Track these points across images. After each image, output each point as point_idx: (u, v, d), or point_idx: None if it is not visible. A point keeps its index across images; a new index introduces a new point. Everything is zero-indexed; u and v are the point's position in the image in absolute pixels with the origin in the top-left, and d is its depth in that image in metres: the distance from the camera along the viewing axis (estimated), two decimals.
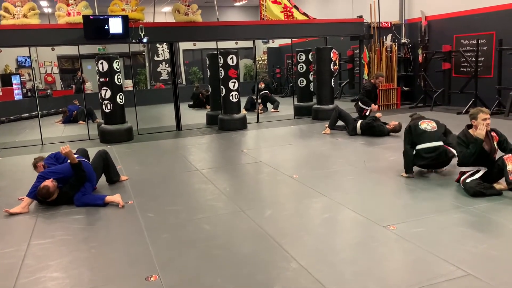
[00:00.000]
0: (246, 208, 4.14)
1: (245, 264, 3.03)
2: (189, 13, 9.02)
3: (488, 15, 9.89)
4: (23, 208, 4.28)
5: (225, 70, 9.07)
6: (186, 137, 8.62)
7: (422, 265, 2.87)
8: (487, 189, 4.09)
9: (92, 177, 4.70)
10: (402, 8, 12.32)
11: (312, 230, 3.62)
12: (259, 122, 10.10)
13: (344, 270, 2.86)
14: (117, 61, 8.39)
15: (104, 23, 8.15)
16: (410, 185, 4.62)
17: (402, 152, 4.98)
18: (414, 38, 11.99)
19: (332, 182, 4.96)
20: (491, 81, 9.71)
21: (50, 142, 8.61)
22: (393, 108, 11.38)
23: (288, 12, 10.65)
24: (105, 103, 8.37)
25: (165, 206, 4.36)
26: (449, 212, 3.79)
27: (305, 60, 10.88)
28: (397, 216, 3.78)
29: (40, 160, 4.88)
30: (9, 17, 7.96)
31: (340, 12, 14.43)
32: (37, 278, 2.94)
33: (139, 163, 6.43)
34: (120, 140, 8.35)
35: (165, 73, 18.48)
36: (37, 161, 4.91)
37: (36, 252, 3.38)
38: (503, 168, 4.04)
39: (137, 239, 3.55)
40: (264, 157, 6.41)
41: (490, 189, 4.12)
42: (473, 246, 3.12)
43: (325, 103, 10.12)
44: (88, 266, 3.10)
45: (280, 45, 17.90)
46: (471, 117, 4.28)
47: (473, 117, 4.24)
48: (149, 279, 2.85)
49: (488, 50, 9.93)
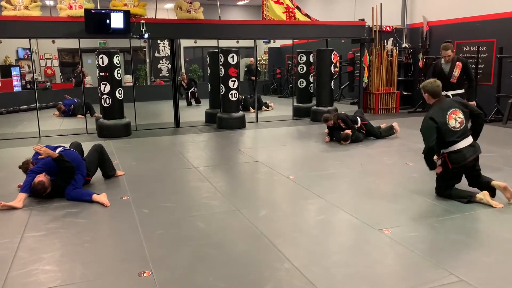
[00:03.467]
0: (242, 207, 4.14)
1: (238, 263, 3.03)
2: (191, 10, 9.01)
3: (489, 23, 9.91)
4: (17, 203, 4.24)
5: (226, 69, 9.07)
6: (184, 134, 8.61)
7: (415, 270, 2.88)
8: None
9: (79, 164, 4.63)
10: (404, 13, 12.34)
11: (307, 231, 3.62)
12: (257, 122, 10.10)
13: (337, 272, 2.86)
14: (118, 56, 8.38)
15: (106, 17, 8.13)
16: (406, 190, 4.62)
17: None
18: (415, 43, 12.00)
19: (328, 184, 4.96)
20: (491, 88, 9.73)
21: (47, 135, 8.59)
22: (392, 112, 11.40)
23: (290, 12, 10.65)
24: (104, 98, 8.36)
25: (161, 203, 4.35)
26: (444, 217, 3.80)
27: (306, 61, 10.88)
28: (392, 220, 3.78)
29: (28, 162, 4.79)
30: (10, 8, 7.93)
31: (342, 15, 14.45)
32: (29, 271, 2.94)
33: (136, 159, 6.42)
34: (117, 135, 8.34)
35: (165, 70, 18.47)
36: (26, 163, 4.79)
37: (29, 245, 3.37)
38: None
39: (131, 235, 3.54)
40: (262, 156, 6.41)
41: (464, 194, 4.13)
42: (466, 253, 3.13)
43: (324, 105, 10.13)
44: (80, 260, 3.09)
45: (281, 45, 17.90)
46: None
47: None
48: (141, 275, 2.85)
49: (488, 57, 9.95)
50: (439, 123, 4.08)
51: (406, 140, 7.45)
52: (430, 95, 4.28)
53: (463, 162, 4.10)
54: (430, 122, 4.12)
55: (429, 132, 4.10)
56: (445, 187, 4.27)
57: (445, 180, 4.27)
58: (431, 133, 4.08)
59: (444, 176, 4.25)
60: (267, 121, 10.16)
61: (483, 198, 4.02)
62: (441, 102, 4.25)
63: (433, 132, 4.08)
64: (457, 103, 4.25)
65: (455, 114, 4.14)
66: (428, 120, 4.13)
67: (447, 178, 4.24)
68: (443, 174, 4.25)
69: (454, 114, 4.13)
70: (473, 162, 4.16)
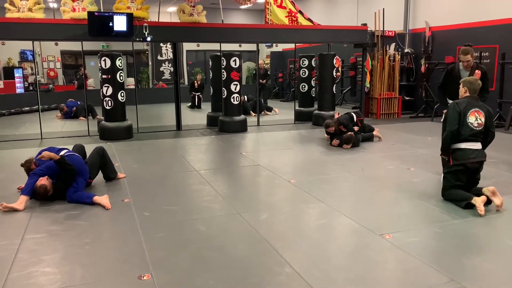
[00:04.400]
0: (242, 211, 4.14)
1: (238, 266, 3.02)
2: (194, 13, 9.04)
3: (492, 28, 9.91)
4: (19, 205, 4.24)
5: (228, 72, 9.08)
6: (186, 138, 8.61)
7: (416, 275, 2.86)
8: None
9: (82, 170, 4.65)
10: (407, 18, 12.36)
11: (307, 235, 3.61)
12: (259, 126, 10.10)
13: (337, 276, 2.85)
14: (120, 58, 8.40)
15: (109, 20, 8.16)
16: (408, 195, 4.61)
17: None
18: (417, 48, 12.01)
19: (329, 188, 4.95)
20: (493, 94, 9.67)
21: (49, 136, 8.61)
22: (394, 117, 11.39)
23: (292, 17, 10.67)
24: (106, 100, 8.37)
25: (161, 206, 4.35)
26: (446, 223, 3.78)
27: (308, 65, 10.88)
28: (393, 225, 3.77)
29: (31, 162, 4.80)
30: (14, 10, 7.97)
31: (344, 19, 14.47)
32: (29, 273, 2.93)
33: (137, 162, 6.43)
34: (119, 138, 8.34)
35: (168, 73, 18.50)
36: (29, 162, 4.78)
37: (30, 246, 3.37)
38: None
39: (131, 237, 3.53)
40: (263, 160, 6.41)
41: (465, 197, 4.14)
42: (468, 258, 3.11)
43: (326, 109, 10.13)
44: (80, 263, 3.09)
45: (283, 49, 17.93)
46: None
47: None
48: (141, 277, 2.84)
49: (490, 63, 9.94)
50: (461, 111, 4.19)
51: (408, 145, 7.44)
52: (468, 89, 4.35)
53: (464, 161, 4.17)
54: (455, 106, 4.23)
55: (453, 116, 4.22)
56: (447, 188, 4.31)
57: (448, 179, 4.33)
58: (454, 117, 4.20)
59: (447, 175, 4.34)
60: (269, 125, 10.16)
61: (476, 201, 4.01)
62: (472, 98, 4.32)
63: (456, 116, 4.19)
64: (485, 108, 4.31)
65: (478, 114, 4.22)
66: (454, 105, 4.25)
67: (450, 177, 4.31)
68: (447, 173, 4.34)
69: (477, 113, 4.22)
70: (475, 165, 4.20)
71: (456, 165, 4.22)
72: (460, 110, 4.19)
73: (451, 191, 4.28)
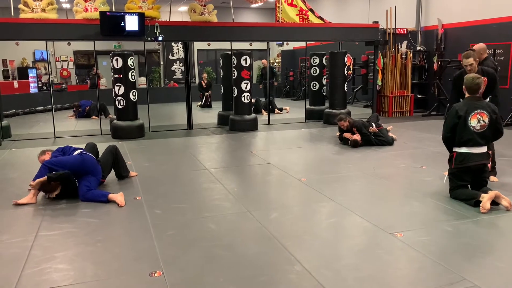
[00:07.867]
0: (253, 209, 4.15)
1: (248, 265, 3.03)
2: (204, 13, 9.06)
3: (505, 25, 9.77)
4: (30, 198, 4.34)
5: (238, 71, 9.09)
6: (197, 136, 8.65)
7: (427, 274, 2.85)
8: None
9: (95, 170, 4.71)
10: (419, 15, 12.24)
11: (318, 234, 3.60)
12: (269, 124, 10.10)
13: (348, 275, 2.85)
14: (132, 58, 8.47)
15: (121, 20, 8.23)
16: (419, 193, 4.58)
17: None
18: (430, 45, 11.89)
19: (340, 187, 4.93)
20: (507, 91, 9.58)
21: (62, 135, 8.71)
22: (406, 115, 11.31)
23: (303, 15, 10.64)
24: (118, 99, 8.45)
25: (172, 204, 4.38)
26: (457, 221, 3.75)
27: (319, 63, 10.85)
28: (404, 223, 3.75)
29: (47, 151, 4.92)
30: (28, 11, 8.07)
31: (356, 17, 14.39)
32: (42, 269, 2.98)
33: (149, 160, 6.47)
34: (131, 137, 8.42)
35: (179, 72, 18.59)
36: (44, 151, 4.95)
37: (43, 243, 3.42)
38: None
39: (143, 235, 3.57)
40: (273, 159, 6.41)
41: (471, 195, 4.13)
42: (479, 257, 3.08)
43: (337, 108, 10.09)
44: (93, 260, 3.13)
45: (294, 48, 17.90)
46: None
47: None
48: (153, 275, 2.87)
49: (504, 60, 9.80)
50: (461, 118, 4.14)
51: (420, 143, 7.38)
52: (466, 88, 4.30)
53: (465, 164, 4.17)
54: (456, 112, 4.19)
55: (450, 122, 4.22)
56: (454, 188, 4.31)
57: (452, 181, 4.34)
58: (451, 124, 4.20)
59: (451, 177, 4.35)
60: (280, 124, 10.16)
61: (483, 198, 3.97)
62: (473, 99, 4.24)
63: (452, 124, 4.20)
64: (489, 108, 4.23)
65: (481, 115, 4.15)
66: (455, 111, 4.21)
67: (454, 178, 4.31)
68: (450, 174, 4.35)
69: (480, 115, 4.15)
70: (478, 166, 4.19)
71: (457, 168, 4.23)
72: (461, 115, 4.15)
73: (457, 191, 4.27)
